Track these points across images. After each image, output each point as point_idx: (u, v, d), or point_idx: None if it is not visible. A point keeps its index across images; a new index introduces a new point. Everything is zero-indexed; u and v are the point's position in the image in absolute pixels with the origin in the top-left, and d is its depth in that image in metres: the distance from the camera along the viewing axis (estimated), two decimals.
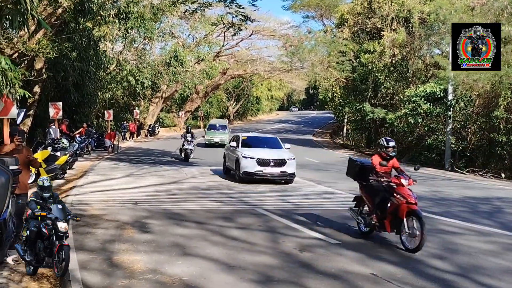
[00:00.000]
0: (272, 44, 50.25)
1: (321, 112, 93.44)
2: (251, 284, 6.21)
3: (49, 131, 17.78)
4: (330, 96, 51.96)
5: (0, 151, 8.22)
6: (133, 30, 27.45)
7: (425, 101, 25.79)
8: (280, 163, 15.82)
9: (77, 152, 19.78)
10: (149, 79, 35.68)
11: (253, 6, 35.46)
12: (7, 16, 9.25)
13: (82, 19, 19.35)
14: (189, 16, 35.12)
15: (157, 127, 45.66)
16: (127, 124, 36.72)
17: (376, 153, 8.82)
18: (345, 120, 47.16)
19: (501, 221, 10.90)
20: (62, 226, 6.19)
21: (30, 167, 8.89)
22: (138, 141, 37.00)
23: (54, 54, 16.34)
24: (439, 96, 25.44)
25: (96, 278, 6.29)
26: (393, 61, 31.96)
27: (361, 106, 33.50)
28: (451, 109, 24.70)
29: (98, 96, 30.30)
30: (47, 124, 19.82)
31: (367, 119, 34.53)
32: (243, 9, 24.50)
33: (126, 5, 21.27)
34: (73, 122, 24.33)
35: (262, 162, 15.69)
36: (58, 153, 15.24)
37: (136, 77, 33.94)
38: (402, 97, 30.24)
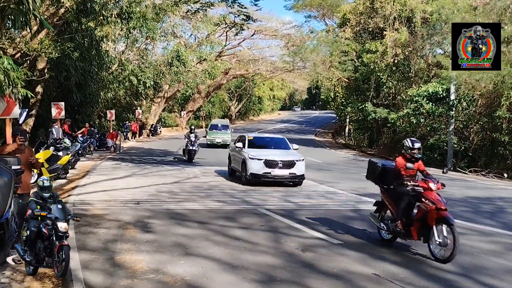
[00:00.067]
0: (274, 44, 50.38)
1: (323, 112, 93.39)
2: (254, 284, 6.21)
3: (52, 131, 17.80)
4: (332, 96, 51.96)
5: (3, 151, 8.23)
6: (135, 30, 27.51)
7: (427, 101, 25.77)
8: (289, 165, 15.16)
9: (79, 152, 19.82)
10: (151, 79, 35.68)
11: (255, 6, 35.54)
12: (10, 16, 9.28)
13: (85, 19, 19.39)
14: (191, 16, 35.17)
15: (159, 127, 45.73)
16: (129, 124, 36.79)
17: (400, 155, 8.27)
18: (347, 120, 47.19)
19: (504, 221, 10.87)
20: (62, 226, 6.19)
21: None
22: (140, 141, 37.05)
23: (57, 54, 16.34)
24: (442, 96, 25.42)
25: (98, 278, 6.30)
26: (395, 61, 31.97)
27: (363, 106, 33.50)
28: (453, 109, 24.67)
29: (100, 96, 30.32)
30: (50, 124, 19.84)
31: (369, 119, 34.54)
32: (245, 9, 24.51)
33: (128, 5, 21.33)
34: (75, 122, 24.34)
35: (270, 164, 15.06)
36: (60, 153, 15.24)
37: (138, 77, 33.95)
38: (404, 97, 30.23)
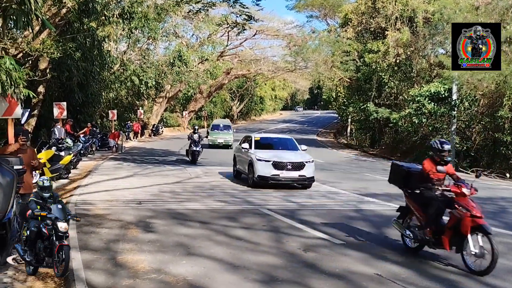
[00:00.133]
0: (276, 44, 50.37)
1: (325, 112, 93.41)
2: (255, 284, 6.21)
3: (54, 131, 17.83)
4: (334, 96, 51.95)
5: (5, 151, 8.25)
6: (137, 30, 27.52)
7: (429, 101, 25.73)
8: (298, 166, 14.57)
9: (81, 152, 19.84)
10: (153, 79, 35.73)
11: (257, 6, 35.47)
12: (12, 17, 9.30)
13: (86, 19, 19.40)
14: (193, 16, 35.16)
15: (161, 127, 45.74)
16: (131, 124, 36.80)
17: (428, 158, 7.80)
18: (349, 120, 47.14)
19: (506, 221, 10.84)
20: (62, 226, 6.20)
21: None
22: (142, 141, 37.06)
23: (58, 54, 16.37)
24: (444, 96, 25.37)
25: (101, 278, 6.30)
26: (397, 61, 31.92)
27: (365, 106, 33.47)
28: (456, 109, 24.61)
29: (102, 96, 30.34)
30: (52, 124, 19.87)
31: (371, 119, 34.49)
32: (247, 9, 24.48)
33: (130, 5, 21.35)
34: (77, 122, 24.37)
35: (279, 166, 14.44)
36: (63, 153, 15.27)
37: (140, 77, 34.00)
38: (406, 97, 30.17)
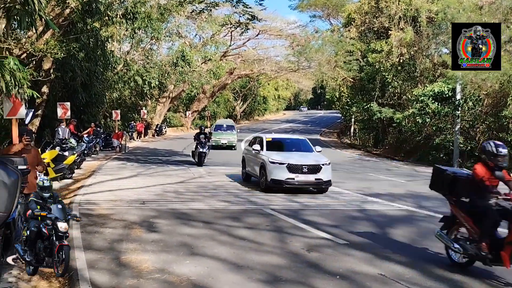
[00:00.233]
0: (279, 44, 50.16)
1: (328, 112, 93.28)
2: (259, 284, 6.20)
3: (57, 131, 17.88)
4: (337, 96, 51.87)
5: (9, 151, 8.28)
6: (140, 30, 27.56)
7: (433, 101, 25.67)
8: (315, 169, 13.72)
9: (85, 152, 19.89)
10: (156, 79, 35.77)
11: (260, 6, 35.50)
12: (16, 17, 9.33)
13: (90, 20, 19.45)
14: (196, 16, 35.16)
15: (164, 127, 45.79)
16: (135, 124, 36.86)
17: (479, 162, 7.11)
18: (353, 120, 47.06)
19: None
20: (62, 226, 6.19)
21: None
22: (146, 141, 37.11)
23: (62, 55, 16.40)
24: (447, 96, 25.32)
25: (104, 278, 6.32)
26: (401, 61, 31.86)
27: (369, 106, 33.43)
28: (459, 109, 24.56)
29: (106, 96, 30.39)
30: (55, 124, 19.92)
31: (375, 119, 34.43)
32: (250, 9, 24.49)
33: (133, 6, 21.40)
34: (81, 122, 24.41)
35: (294, 168, 13.59)
36: (66, 153, 15.33)
37: (143, 77, 34.04)
38: (410, 97, 30.12)
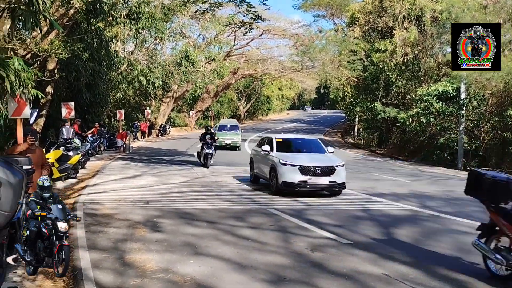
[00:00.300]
0: (283, 44, 50.14)
1: (332, 112, 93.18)
2: (263, 284, 6.20)
3: (62, 131, 17.95)
4: (341, 96, 51.81)
5: (14, 151, 8.32)
6: (144, 30, 27.57)
7: (437, 100, 25.61)
8: (328, 171, 13.11)
9: (89, 152, 19.95)
10: (160, 79, 35.82)
11: (264, 5, 35.42)
12: (20, 17, 9.37)
13: (94, 20, 19.47)
14: (200, 16, 35.19)
15: (168, 127, 45.84)
16: (139, 124, 36.93)
17: None
18: (356, 120, 47.00)
19: None
20: (62, 226, 6.19)
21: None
22: (149, 141, 37.17)
23: (66, 55, 16.44)
24: (452, 95, 25.25)
25: (109, 277, 6.33)
26: (405, 60, 31.79)
27: (372, 105, 33.37)
28: (464, 108, 24.49)
29: (110, 96, 30.44)
30: (60, 124, 19.98)
31: (379, 119, 34.38)
32: (254, 8, 24.45)
33: (137, 6, 21.41)
34: (85, 122, 24.48)
35: (306, 170, 13.00)
36: (71, 153, 15.38)
37: (147, 77, 34.11)
38: (414, 96, 30.06)
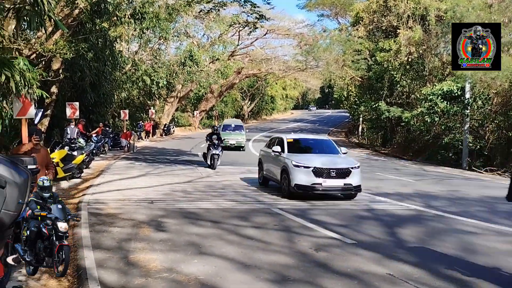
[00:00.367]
0: (287, 43, 50.07)
1: (336, 111, 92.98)
2: (267, 283, 6.19)
3: (66, 131, 18.01)
4: (345, 95, 51.72)
5: (19, 151, 8.35)
6: (149, 30, 27.64)
7: (442, 100, 25.54)
8: (343, 174, 12.56)
9: (94, 152, 19.99)
10: (164, 79, 35.87)
11: (268, 5, 35.33)
12: (25, 18, 9.41)
13: (98, 20, 19.53)
14: (204, 16, 35.22)
15: (172, 127, 45.92)
16: (143, 124, 37.00)
17: None
18: (361, 119, 46.91)
19: None
20: (62, 226, 6.19)
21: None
22: (154, 141, 37.24)
23: (71, 55, 16.49)
24: (456, 95, 25.17)
25: (113, 277, 6.34)
26: (409, 59, 31.71)
27: (377, 105, 33.31)
28: (469, 108, 24.40)
29: (114, 96, 30.50)
30: (64, 124, 20.05)
31: (383, 118, 34.30)
32: (258, 8, 24.46)
33: (142, 6, 21.48)
34: (90, 122, 24.54)
35: (321, 173, 12.41)
36: (75, 153, 15.42)
37: (152, 77, 34.16)
38: (419, 96, 29.97)
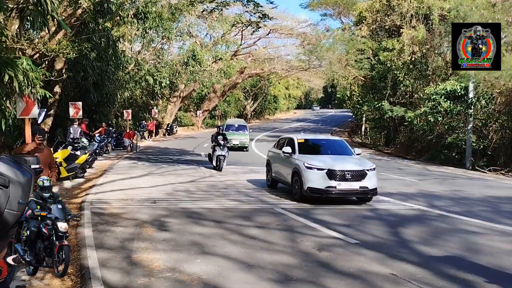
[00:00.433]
0: (290, 43, 50.09)
1: (339, 111, 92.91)
2: (270, 283, 6.18)
3: (69, 130, 18.05)
4: (348, 95, 51.68)
5: (22, 150, 8.36)
6: (151, 30, 27.68)
7: (445, 99, 25.47)
8: (359, 176, 11.87)
9: (97, 151, 20.03)
10: (167, 79, 35.93)
11: (271, 4, 35.20)
12: (29, 17, 9.44)
13: (101, 20, 19.57)
14: (207, 16, 35.25)
15: (175, 126, 45.95)
16: (146, 123, 37.05)
17: None
18: (364, 119, 46.85)
19: None
20: (62, 226, 6.20)
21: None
22: (157, 140, 37.26)
23: (74, 55, 16.51)
24: (460, 94, 25.10)
25: (116, 276, 6.34)
26: (413, 59, 31.64)
27: (380, 105, 33.24)
28: (472, 107, 24.33)
29: (117, 96, 30.56)
30: (68, 124, 20.09)
31: (386, 118, 34.23)
32: (261, 7, 24.44)
33: (145, 5, 21.49)
34: (93, 122, 24.60)
35: (335, 175, 11.75)
36: (78, 152, 15.45)
37: (154, 77, 34.22)
38: (422, 95, 29.90)
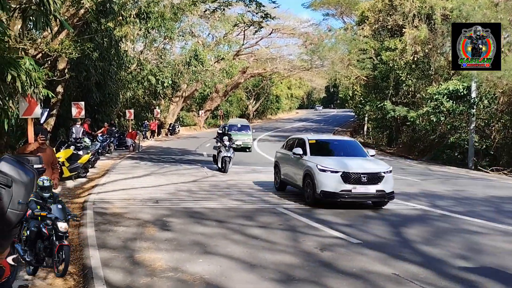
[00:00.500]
0: (292, 43, 50.04)
1: (342, 111, 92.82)
2: (272, 283, 6.19)
3: (72, 130, 18.08)
4: (351, 94, 51.60)
5: (24, 150, 8.39)
6: (154, 30, 27.72)
7: (448, 99, 25.43)
8: (375, 179, 11.25)
9: (99, 151, 20.05)
10: (170, 79, 35.95)
11: (273, 4, 35.16)
12: (31, 17, 9.45)
13: (104, 20, 19.60)
14: (209, 15, 35.27)
15: (178, 126, 45.97)
16: (148, 123, 37.08)
17: None
18: (366, 119, 46.77)
19: None
20: (62, 226, 6.21)
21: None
22: (159, 140, 37.30)
23: (77, 54, 16.54)
24: (462, 94, 25.05)
25: (118, 276, 6.35)
26: (415, 59, 31.56)
27: (382, 104, 33.19)
28: (475, 107, 24.28)
29: (120, 96, 30.57)
30: (70, 123, 20.12)
31: (388, 118, 34.18)
32: (263, 7, 24.42)
33: (147, 5, 21.54)
34: (95, 122, 24.63)
35: (350, 178, 11.13)
36: (81, 152, 15.48)
37: (157, 77, 34.24)
38: (424, 95, 29.85)
